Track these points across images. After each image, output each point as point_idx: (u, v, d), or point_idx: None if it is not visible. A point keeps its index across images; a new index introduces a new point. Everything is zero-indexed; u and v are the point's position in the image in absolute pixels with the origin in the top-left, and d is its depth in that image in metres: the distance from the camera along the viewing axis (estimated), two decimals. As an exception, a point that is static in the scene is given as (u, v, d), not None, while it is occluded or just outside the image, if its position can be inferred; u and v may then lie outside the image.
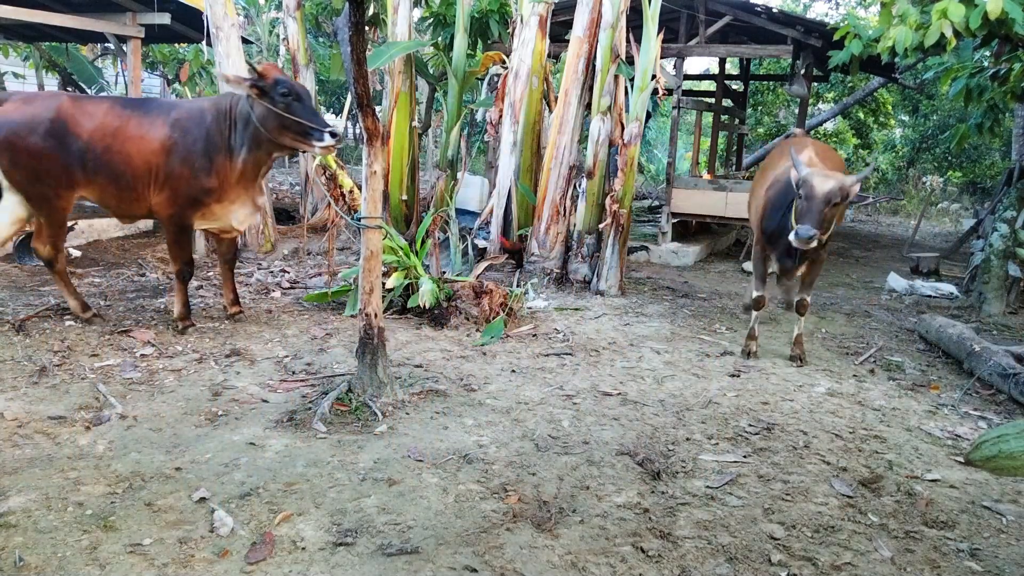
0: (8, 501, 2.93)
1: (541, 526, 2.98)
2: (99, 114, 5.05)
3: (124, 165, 5.00)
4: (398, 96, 8.99)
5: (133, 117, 5.07)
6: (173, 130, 5.04)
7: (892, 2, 5.41)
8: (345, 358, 4.89)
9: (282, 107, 4.84)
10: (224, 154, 5.05)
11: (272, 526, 2.87)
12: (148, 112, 5.14)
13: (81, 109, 5.06)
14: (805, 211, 4.85)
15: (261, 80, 4.85)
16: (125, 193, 5.11)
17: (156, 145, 5.00)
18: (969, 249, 9.97)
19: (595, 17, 7.60)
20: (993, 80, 6.48)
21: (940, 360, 5.78)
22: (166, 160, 5.01)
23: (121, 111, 5.10)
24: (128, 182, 5.04)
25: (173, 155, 5.01)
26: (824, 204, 4.85)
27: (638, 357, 5.39)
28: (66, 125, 4.94)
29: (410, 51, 8.79)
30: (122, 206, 5.24)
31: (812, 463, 3.74)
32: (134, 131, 5.03)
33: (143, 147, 5.00)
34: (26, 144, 4.85)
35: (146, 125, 5.05)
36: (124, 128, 5.03)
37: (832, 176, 4.95)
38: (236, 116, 5.06)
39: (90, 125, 4.99)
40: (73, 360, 4.56)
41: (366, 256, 4.13)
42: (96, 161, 5.00)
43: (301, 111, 4.89)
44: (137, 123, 5.05)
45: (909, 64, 12.35)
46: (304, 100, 4.94)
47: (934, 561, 2.91)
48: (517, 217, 8.41)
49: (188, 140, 5.03)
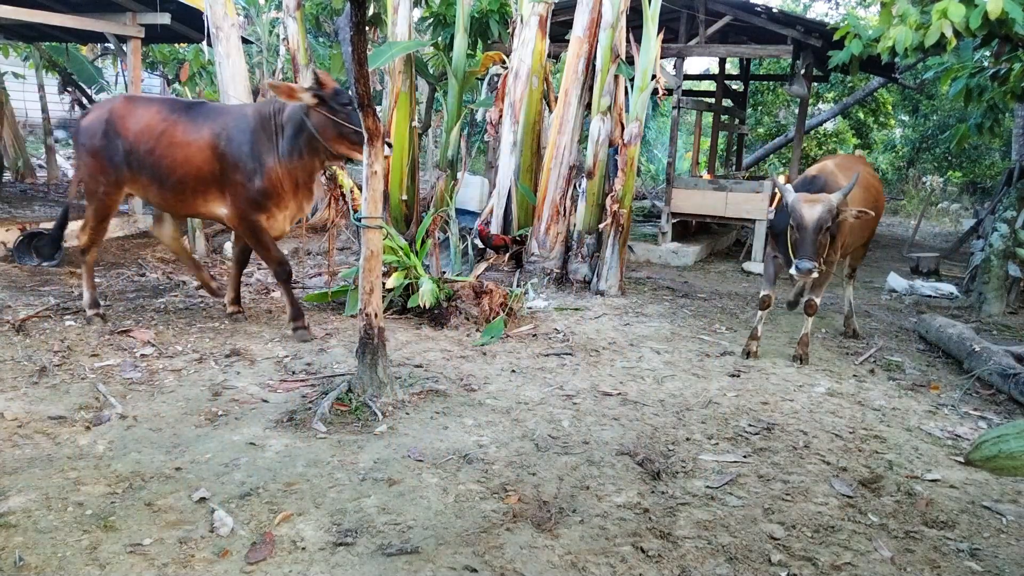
0: (8, 501, 2.93)
1: (541, 526, 2.98)
2: (147, 116, 5.18)
3: (169, 167, 5.11)
4: (398, 96, 8.98)
5: (181, 120, 5.15)
6: (220, 135, 5.07)
7: (892, 2, 5.41)
8: (345, 358, 4.89)
9: (342, 116, 4.83)
10: (273, 159, 5.04)
11: (272, 526, 2.87)
12: (196, 116, 5.20)
13: (130, 111, 5.24)
14: (799, 242, 4.89)
15: (321, 89, 4.85)
16: (170, 194, 5.23)
17: (206, 151, 5.07)
18: (969, 249, 9.97)
19: (595, 17, 7.60)
20: (993, 80, 6.48)
21: (940, 360, 5.78)
22: (219, 166, 5.07)
23: (169, 114, 5.21)
24: (174, 184, 5.16)
25: (224, 160, 5.05)
26: (816, 232, 4.91)
27: (638, 357, 5.39)
28: (114, 126, 5.18)
29: (410, 51, 8.78)
30: (172, 206, 5.41)
31: (812, 463, 3.74)
32: (180, 134, 5.11)
33: (189, 151, 5.07)
34: (86, 144, 5.28)
35: (193, 129, 5.12)
36: (170, 131, 5.13)
37: (817, 200, 4.97)
38: (282, 122, 5.05)
39: (136, 127, 5.15)
40: (73, 360, 4.56)
41: (366, 256, 4.13)
42: (140, 161, 5.16)
43: (359, 121, 4.88)
44: (184, 127, 5.12)
45: (909, 64, 12.36)
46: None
47: (934, 561, 2.91)
48: (517, 217, 8.41)
49: (235, 145, 5.05)
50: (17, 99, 14.24)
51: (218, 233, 8.99)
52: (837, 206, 5.01)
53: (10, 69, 13.14)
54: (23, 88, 15.07)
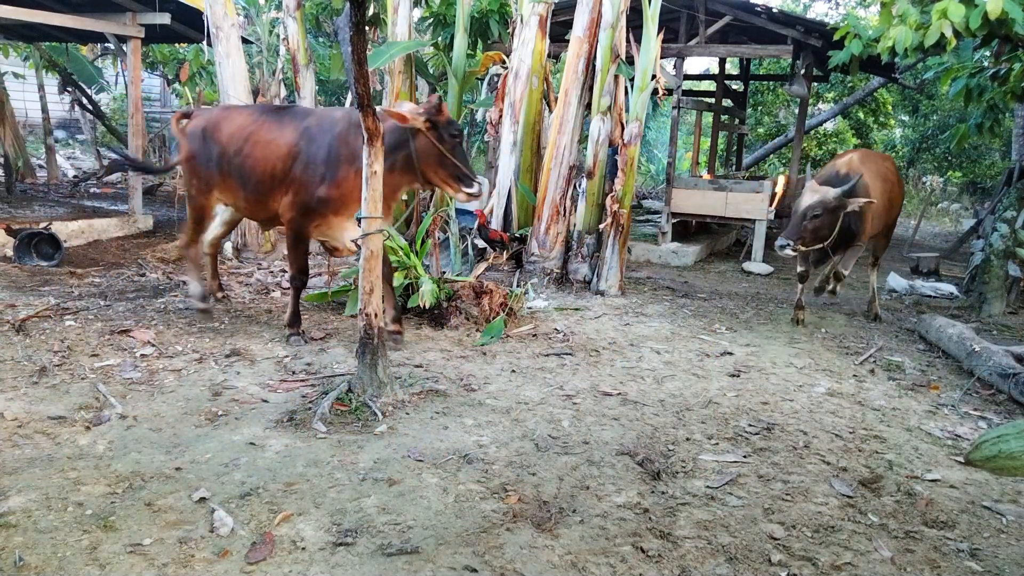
0: (8, 501, 2.93)
1: (541, 526, 2.98)
2: (238, 121, 5.28)
3: (251, 170, 5.15)
4: (398, 96, 8.98)
5: (266, 123, 5.17)
6: (301, 137, 5.04)
7: (892, 2, 5.41)
8: (345, 358, 4.89)
9: (448, 147, 4.79)
10: (348, 167, 4.90)
11: (272, 526, 2.87)
12: (282, 119, 5.22)
13: (225, 116, 5.37)
14: (788, 223, 5.63)
15: (437, 115, 4.78)
16: (252, 197, 5.26)
17: (283, 151, 5.06)
18: (969, 249, 9.97)
19: (595, 17, 7.60)
20: (993, 80, 6.48)
21: (940, 360, 5.78)
22: (291, 166, 5.05)
23: (257, 117, 5.27)
24: (254, 187, 5.19)
25: (296, 162, 5.02)
26: (803, 218, 5.59)
27: (638, 357, 5.39)
28: (211, 132, 5.32)
29: (410, 51, 8.78)
30: (251, 210, 5.46)
31: (812, 463, 3.74)
32: (264, 136, 5.13)
33: (269, 152, 5.08)
34: (187, 149, 5.45)
35: (276, 131, 5.11)
36: (256, 133, 5.17)
37: (817, 191, 5.61)
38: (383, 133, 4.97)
39: (228, 130, 5.26)
40: (73, 360, 4.56)
41: (366, 256, 4.13)
42: (229, 165, 5.24)
43: (461, 155, 4.88)
44: (268, 129, 5.14)
45: (909, 64, 12.36)
46: (463, 143, 4.94)
47: (934, 561, 2.91)
48: (517, 217, 8.41)
49: (312, 148, 5.00)
50: (17, 99, 14.23)
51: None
52: (834, 199, 5.59)
53: (10, 69, 13.15)
54: (23, 88, 15.07)
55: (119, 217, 9.35)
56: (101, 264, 7.56)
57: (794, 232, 5.61)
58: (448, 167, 4.84)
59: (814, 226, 5.68)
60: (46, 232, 7.41)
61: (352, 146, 4.85)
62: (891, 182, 6.60)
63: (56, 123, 15.87)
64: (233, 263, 8.05)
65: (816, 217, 5.62)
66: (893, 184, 6.65)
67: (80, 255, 7.85)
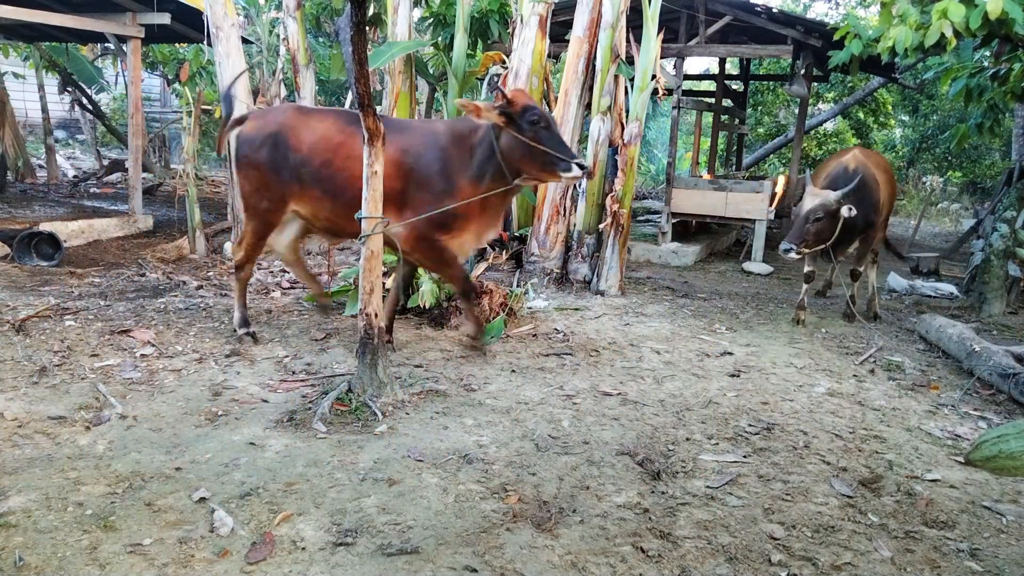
0: (8, 501, 2.93)
1: (541, 526, 2.98)
2: (319, 129, 4.80)
3: (348, 185, 4.66)
4: (398, 96, 8.97)
5: (359, 135, 4.62)
6: (406, 154, 4.68)
7: (892, 2, 5.41)
8: (345, 358, 4.89)
9: (530, 136, 4.46)
10: (463, 178, 4.67)
11: (272, 526, 2.87)
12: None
13: (302, 123, 4.85)
14: (791, 226, 5.71)
15: (510, 107, 4.48)
16: (346, 212, 4.63)
17: (389, 170, 4.52)
18: (969, 249, 9.97)
19: (595, 17, 7.60)
20: (993, 80, 6.48)
21: (940, 360, 5.78)
22: (404, 182, 4.69)
23: (344, 127, 4.80)
24: (350, 202, 4.58)
25: (410, 179, 4.69)
26: (804, 221, 5.72)
27: (638, 357, 5.39)
28: (285, 139, 4.81)
29: (410, 51, 8.77)
30: (340, 225, 4.90)
31: (812, 463, 3.74)
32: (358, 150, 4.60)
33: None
34: (250, 158, 4.94)
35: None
36: (350, 147, 4.69)
37: (817, 195, 5.72)
38: (477, 142, 4.68)
39: (309, 139, 4.79)
40: (73, 360, 4.56)
41: (366, 256, 4.13)
42: (314, 177, 4.77)
43: (549, 140, 4.51)
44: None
45: (909, 64, 12.36)
46: (552, 128, 4.57)
47: (934, 561, 2.91)
48: (517, 217, 8.41)
49: (423, 164, 4.69)
50: (17, 99, 14.25)
51: (218, 233, 9.00)
52: (835, 202, 5.71)
53: (10, 69, 13.15)
54: (23, 88, 15.07)
55: (119, 217, 9.35)
56: (101, 264, 7.56)
57: (796, 234, 5.76)
58: (538, 157, 4.49)
59: (816, 229, 5.82)
60: (42, 233, 7.40)
61: (464, 158, 4.68)
62: (891, 176, 6.88)
63: (56, 123, 15.87)
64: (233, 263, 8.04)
65: (818, 220, 5.77)
66: (893, 179, 6.91)
67: (80, 255, 7.86)
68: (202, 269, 7.59)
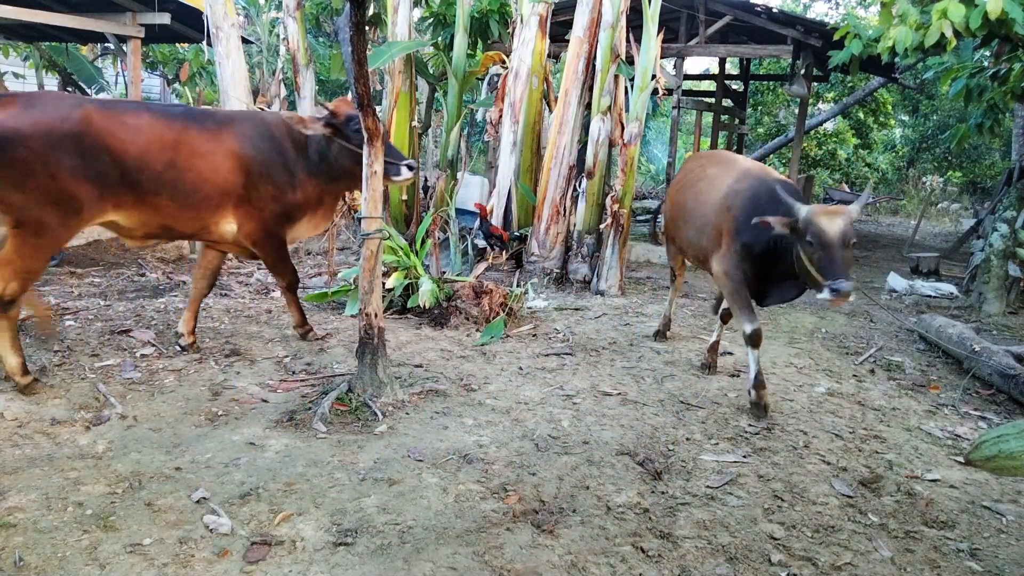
0: (8, 501, 2.92)
1: (541, 526, 2.98)
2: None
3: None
4: (398, 96, 8.99)
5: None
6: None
7: (892, 2, 5.41)
8: (345, 358, 4.89)
9: (356, 143, 4.49)
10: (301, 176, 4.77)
11: (272, 526, 2.87)
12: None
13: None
14: (828, 261, 3.97)
15: (334, 118, 4.63)
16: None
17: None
18: (969, 249, 9.97)
19: (595, 17, 7.60)
20: (993, 80, 6.48)
21: (940, 360, 5.78)
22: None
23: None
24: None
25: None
26: (844, 248, 4.10)
27: (638, 357, 5.39)
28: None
29: (410, 51, 8.79)
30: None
31: (812, 463, 3.74)
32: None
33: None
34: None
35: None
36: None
37: (837, 212, 4.17)
38: (300, 142, 4.76)
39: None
40: (73, 360, 4.56)
41: (366, 256, 4.13)
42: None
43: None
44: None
45: (909, 64, 12.35)
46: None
47: (934, 561, 2.91)
48: (517, 217, 8.41)
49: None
50: (17, 99, 14.21)
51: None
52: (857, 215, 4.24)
53: (10, 69, 13.14)
54: (23, 88, 15.07)
55: (119, 217, 9.34)
56: (101, 264, 7.56)
57: (848, 268, 4.09)
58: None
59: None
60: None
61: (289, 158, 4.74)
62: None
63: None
64: (233, 263, 8.05)
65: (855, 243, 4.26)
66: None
67: (80, 255, 7.85)
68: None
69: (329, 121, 4.63)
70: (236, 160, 4.51)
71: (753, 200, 4.42)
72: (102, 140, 4.05)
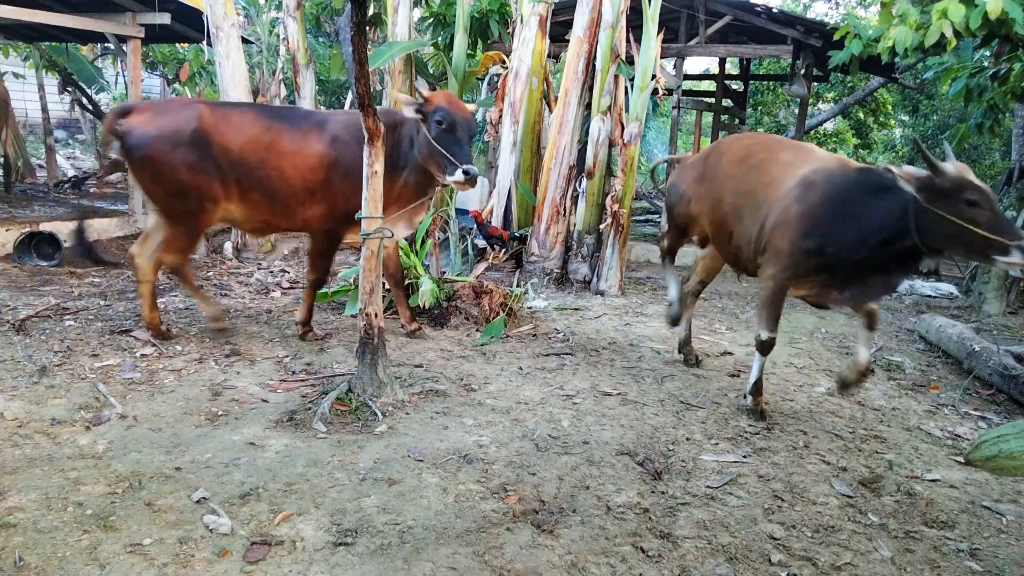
0: (8, 501, 2.93)
1: (541, 526, 2.98)
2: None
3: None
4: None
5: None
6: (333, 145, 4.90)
7: (892, 2, 5.41)
8: (345, 358, 4.89)
9: (434, 135, 4.67)
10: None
11: (272, 526, 2.87)
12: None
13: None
14: (1000, 221, 3.42)
15: (425, 105, 4.71)
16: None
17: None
18: (969, 249, 9.93)
19: (595, 17, 7.60)
20: (993, 80, 6.48)
21: (940, 360, 5.78)
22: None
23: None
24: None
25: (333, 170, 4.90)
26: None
27: (638, 357, 5.39)
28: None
29: (410, 51, 8.78)
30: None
31: (812, 463, 3.74)
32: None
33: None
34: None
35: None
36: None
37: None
38: (401, 135, 4.94)
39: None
40: (73, 360, 4.56)
41: (366, 256, 4.13)
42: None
43: (448, 142, 4.66)
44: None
45: (909, 64, 12.35)
46: (456, 131, 4.69)
47: (934, 561, 2.91)
48: (517, 217, 8.41)
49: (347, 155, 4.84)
50: (17, 99, 14.20)
51: (217, 233, 8.99)
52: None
53: (10, 69, 13.14)
54: (23, 88, 15.06)
55: (119, 217, 9.35)
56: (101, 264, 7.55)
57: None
58: (436, 156, 4.71)
59: None
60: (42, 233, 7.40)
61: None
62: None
63: (56, 123, 15.85)
64: (233, 263, 8.05)
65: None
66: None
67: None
68: (202, 269, 7.59)
69: (420, 107, 4.74)
70: (319, 160, 4.83)
71: (844, 192, 3.84)
72: (213, 138, 4.67)
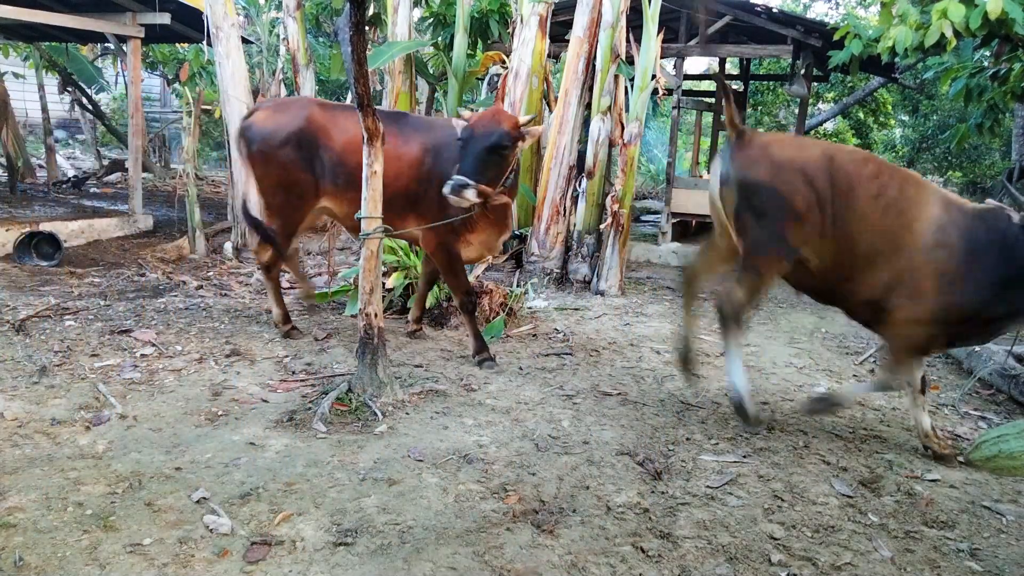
0: (8, 501, 2.92)
1: (541, 526, 2.98)
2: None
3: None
4: (398, 96, 8.98)
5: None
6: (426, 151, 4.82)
7: (892, 2, 5.41)
8: (345, 358, 4.89)
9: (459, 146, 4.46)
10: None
11: (272, 526, 2.87)
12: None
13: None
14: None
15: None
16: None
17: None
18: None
19: (595, 17, 7.60)
20: (993, 80, 6.48)
21: (940, 360, 5.78)
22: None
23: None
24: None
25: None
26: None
27: (638, 357, 5.39)
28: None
29: (410, 51, 8.78)
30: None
31: (812, 463, 3.74)
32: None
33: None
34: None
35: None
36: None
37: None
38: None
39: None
40: (73, 360, 4.56)
41: (366, 256, 4.13)
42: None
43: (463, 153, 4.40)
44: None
45: (909, 64, 12.35)
46: (469, 143, 4.36)
47: (934, 561, 2.91)
48: (517, 217, 8.39)
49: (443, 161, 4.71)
50: (17, 99, 14.22)
51: (218, 233, 9.00)
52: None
53: (10, 69, 13.15)
54: (23, 88, 15.07)
55: (119, 217, 9.35)
56: (101, 264, 7.56)
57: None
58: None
59: None
60: (42, 233, 7.41)
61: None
62: None
63: (56, 123, 15.86)
64: (233, 263, 8.05)
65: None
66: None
67: (80, 255, 7.85)
68: (202, 269, 7.59)
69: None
70: (414, 167, 4.80)
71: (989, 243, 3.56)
72: (319, 137, 4.81)
